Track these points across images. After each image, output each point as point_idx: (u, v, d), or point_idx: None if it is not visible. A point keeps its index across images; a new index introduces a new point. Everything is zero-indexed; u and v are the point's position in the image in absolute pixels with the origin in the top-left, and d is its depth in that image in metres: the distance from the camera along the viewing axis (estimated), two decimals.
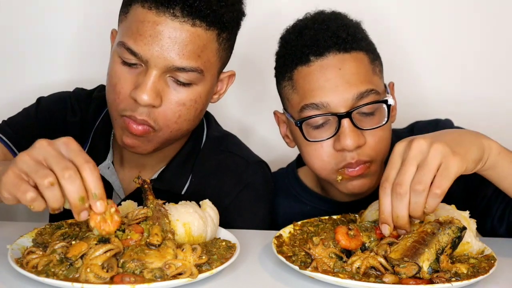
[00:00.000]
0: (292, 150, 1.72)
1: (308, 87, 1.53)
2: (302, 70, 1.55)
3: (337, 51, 1.53)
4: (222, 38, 1.47)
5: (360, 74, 1.53)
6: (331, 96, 1.51)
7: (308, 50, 1.54)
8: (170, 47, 1.40)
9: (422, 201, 1.16)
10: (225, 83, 1.59)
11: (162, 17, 1.39)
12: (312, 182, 1.78)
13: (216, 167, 1.62)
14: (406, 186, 1.17)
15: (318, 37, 1.54)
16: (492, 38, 2.18)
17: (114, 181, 1.62)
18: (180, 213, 1.28)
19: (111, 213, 1.16)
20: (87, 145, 1.64)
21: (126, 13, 1.46)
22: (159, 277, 1.11)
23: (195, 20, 1.40)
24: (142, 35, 1.40)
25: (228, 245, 1.28)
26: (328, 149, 1.54)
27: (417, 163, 1.17)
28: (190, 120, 1.49)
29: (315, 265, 1.18)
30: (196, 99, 1.47)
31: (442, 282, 1.12)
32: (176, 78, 1.43)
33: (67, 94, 1.74)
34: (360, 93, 1.51)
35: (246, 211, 1.60)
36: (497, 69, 2.19)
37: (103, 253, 1.13)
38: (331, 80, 1.51)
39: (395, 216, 1.19)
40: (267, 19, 2.07)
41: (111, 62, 1.48)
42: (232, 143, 1.70)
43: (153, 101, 1.41)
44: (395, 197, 1.18)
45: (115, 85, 1.45)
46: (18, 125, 1.67)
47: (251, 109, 2.26)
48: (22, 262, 1.16)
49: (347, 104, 1.51)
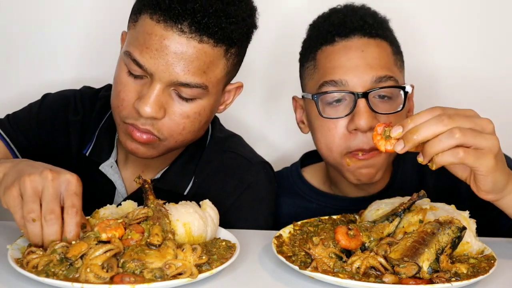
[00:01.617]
0: (295, 151, 1.72)
1: (330, 65, 1.57)
2: (326, 50, 1.59)
3: (362, 34, 1.58)
4: (230, 53, 1.46)
5: (381, 59, 1.56)
6: (350, 75, 1.54)
7: (334, 31, 1.59)
8: (175, 62, 1.39)
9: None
10: (232, 93, 1.58)
11: (169, 31, 1.39)
12: (318, 181, 1.79)
13: (219, 168, 1.62)
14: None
15: (346, 19, 1.60)
16: None
17: (116, 180, 1.62)
18: (180, 213, 1.28)
19: None
20: (90, 144, 1.64)
21: (135, 21, 1.46)
22: (159, 277, 1.11)
23: (202, 36, 1.39)
24: (148, 48, 1.40)
25: (228, 245, 1.28)
26: (341, 130, 1.55)
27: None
28: (195, 131, 1.50)
29: (315, 265, 1.18)
30: (200, 112, 1.47)
31: (442, 282, 1.12)
32: (180, 92, 1.43)
33: (72, 93, 1.74)
34: (379, 77, 1.54)
35: (249, 211, 1.60)
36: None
37: (103, 253, 1.13)
38: (353, 60, 1.55)
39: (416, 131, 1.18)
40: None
41: (118, 68, 1.49)
42: (235, 143, 1.70)
43: (155, 114, 1.42)
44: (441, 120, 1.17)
45: (119, 92, 1.46)
46: (19, 120, 1.68)
47: (257, 110, 2.26)
48: (22, 262, 1.16)
49: (365, 85, 1.53)
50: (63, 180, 1.21)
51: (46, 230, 1.18)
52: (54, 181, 1.20)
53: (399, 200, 1.36)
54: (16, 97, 2.15)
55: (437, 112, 1.19)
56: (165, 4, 1.39)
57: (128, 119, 1.46)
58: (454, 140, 1.16)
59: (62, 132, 1.68)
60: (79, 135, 1.67)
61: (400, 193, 1.55)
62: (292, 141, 2.18)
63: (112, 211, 1.32)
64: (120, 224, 1.19)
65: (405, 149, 1.19)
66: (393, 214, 1.29)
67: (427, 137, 1.17)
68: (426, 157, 1.19)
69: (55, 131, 1.68)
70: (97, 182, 1.62)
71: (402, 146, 1.19)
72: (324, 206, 1.71)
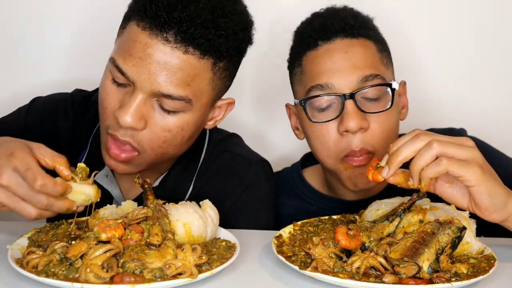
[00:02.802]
0: (296, 151, 1.72)
1: (315, 70, 1.56)
2: (310, 55, 1.59)
3: (344, 36, 1.57)
4: (218, 67, 1.41)
5: (366, 59, 1.56)
6: (336, 77, 1.53)
7: (316, 35, 1.58)
8: (158, 72, 1.34)
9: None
10: (223, 109, 1.53)
11: (154, 39, 1.34)
12: (318, 182, 1.79)
13: (218, 169, 1.60)
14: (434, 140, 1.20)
15: (327, 23, 1.59)
16: (503, 40, 2.17)
17: (113, 189, 1.58)
18: (180, 213, 1.28)
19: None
20: (85, 152, 1.59)
21: (123, 28, 1.42)
22: (159, 277, 1.11)
23: (188, 47, 1.34)
24: (132, 55, 1.36)
25: (228, 245, 1.28)
26: (333, 134, 1.55)
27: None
28: (177, 145, 1.45)
29: (315, 265, 1.18)
30: (183, 127, 1.42)
31: (442, 282, 1.12)
32: (162, 104, 1.38)
33: (63, 97, 1.69)
34: (365, 76, 1.53)
35: (249, 211, 1.59)
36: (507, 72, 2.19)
37: (103, 253, 1.13)
38: (337, 62, 1.55)
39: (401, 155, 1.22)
40: None
41: (104, 75, 1.44)
42: (233, 143, 1.68)
43: (135, 124, 1.37)
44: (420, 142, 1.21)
45: (103, 100, 1.42)
46: (6, 125, 1.64)
47: (257, 110, 2.25)
48: (22, 262, 1.16)
49: (351, 86, 1.53)
50: (22, 161, 1.21)
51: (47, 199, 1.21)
52: (20, 167, 1.20)
53: (399, 200, 1.36)
54: (3, 100, 2.13)
55: (415, 133, 1.23)
56: (152, 11, 1.35)
57: (109, 128, 1.41)
58: (433, 150, 1.19)
59: (51, 138, 1.60)
60: (71, 141, 1.62)
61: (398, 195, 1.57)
62: (292, 141, 2.18)
63: (112, 211, 1.32)
64: (120, 224, 1.19)
65: (390, 172, 1.24)
66: (393, 214, 1.29)
67: (408, 156, 1.22)
68: (414, 177, 1.22)
69: (44, 137, 1.58)
70: None
71: (387, 170, 1.24)
72: (324, 208, 1.71)
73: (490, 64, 2.17)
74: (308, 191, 1.77)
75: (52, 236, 1.27)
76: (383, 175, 1.24)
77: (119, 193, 1.59)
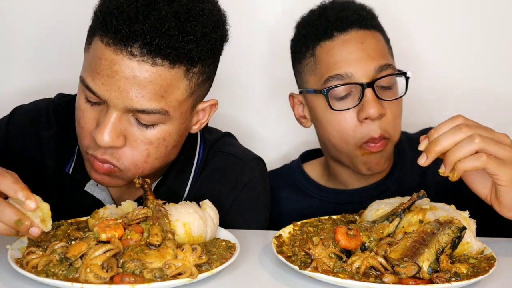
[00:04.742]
0: (294, 151, 1.71)
1: (332, 60, 1.62)
2: (325, 46, 1.64)
3: (358, 27, 1.63)
4: (192, 73, 1.34)
5: (379, 49, 1.64)
6: (354, 67, 1.60)
7: (332, 26, 1.64)
8: (128, 88, 1.28)
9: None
10: (207, 112, 1.47)
11: (119, 55, 1.28)
12: (319, 176, 1.83)
13: (214, 171, 1.58)
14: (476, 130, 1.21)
15: (341, 14, 1.64)
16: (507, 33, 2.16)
17: (105, 197, 1.54)
18: (180, 213, 1.28)
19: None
20: (72, 162, 1.53)
21: (89, 44, 1.36)
22: (159, 277, 1.11)
23: (155, 59, 1.28)
24: (99, 73, 1.30)
25: (228, 245, 1.28)
26: (352, 122, 1.61)
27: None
28: (162, 157, 1.40)
29: (315, 265, 1.18)
30: (164, 137, 1.37)
31: (442, 282, 1.12)
32: (139, 119, 1.33)
33: (44, 104, 1.61)
34: (380, 66, 1.61)
35: (247, 210, 1.58)
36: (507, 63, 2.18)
37: (103, 253, 1.13)
38: (354, 53, 1.61)
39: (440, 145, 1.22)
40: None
41: (77, 93, 1.39)
42: (225, 143, 1.65)
43: (113, 142, 1.32)
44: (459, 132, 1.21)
45: (79, 119, 1.37)
46: None
47: (256, 109, 2.25)
48: (22, 262, 1.16)
49: (369, 75, 1.60)
50: None
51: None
52: None
53: (399, 200, 1.36)
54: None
55: (457, 122, 1.23)
56: (113, 26, 1.27)
57: (88, 149, 1.37)
58: (474, 145, 1.20)
59: (34, 149, 1.55)
60: (55, 151, 1.55)
61: (400, 183, 1.70)
62: (291, 141, 2.18)
63: (111, 211, 1.32)
64: (120, 224, 1.19)
65: (428, 161, 1.24)
66: (393, 214, 1.29)
67: (447, 147, 1.22)
68: (448, 166, 1.23)
69: (27, 148, 1.56)
70: (83, 201, 1.53)
71: (425, 158, 1.24)
72: (326, 201, 1.76)
73: (494, 57, 2.16)
74: (310, 184, 1.80)
75: (51, 236, 1.27)
76: (421, 163, 1.25)
77: (111, 201, 1.55)
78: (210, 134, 1.64)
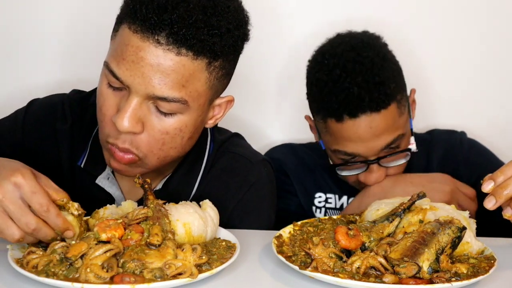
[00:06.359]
0: None
1: (340, 136, 1.70)
2: (334, 124, 1.70)
3: (369, 111, 1.66)
4: (213, 66, 1.38)
5: (388, 126, 1.69)
6: (361, 148, 1.70)
7: (342, 108, 1.67)
8: (151, 75, 1.32)
9: None
10: (223, 108, 1.50)
11: (146, 42, 1.32)
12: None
13: (221, 171, 1.59)
14: None
15: (350, 98, 1.66)
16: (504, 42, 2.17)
17: (114, 191, 1.56)
18: (180, 213, 1.28)
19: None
20: (85, 155, 1.56)
21: (116, 31, 1.39)
22: (159, 277, 1.11)
23: (180, 48, 1.32)
24: (125, 59, 1.33)
25: (228, 245, 1.28)
26: (353, 176, 1.77)
27: None
28: (177, 147, 1.43)
29: (315, 265, 1.18)
30: (181, 128, 1.39)
31: (442, 282, 1.12)
32: (158, 107, 1.36)
33: (60, 98, 1.66)
34: (387, 144, 1.70)
35: (252, 211, 1.58)
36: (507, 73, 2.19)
37: (103, 253, 1.13)
38: (362, 135, 1.68)
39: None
40: None
41: (100, 79, 1.42)
42: (234, 143, 1.66)
43: (132, 128, 1.35)
44: None
45: (101, 106, 1.40)
46: (3, 129, 1.61)
47: (258, 109, 2.25)
48: (22, 262, 1.16)
49: (375, 152, 1.71)
50: (30, 183, 1.17)
51: (39, 236, 1.19)
52: (19, 190, 1.17)
53: (399, 200, 1.36)
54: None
55: None
56: (142, 14, 1.32)
57: (109, 137, 1.39)
58: None
59: (50, 142, 1.59)
60: (69, 144, 1.59)
61: None
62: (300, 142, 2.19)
63: (112, 211, 1.32)
64: (120, 224, 1.19)
65: (497, 205, 1.23)
66: (393, 214, 1.29)
67: None
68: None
69: (42, 140, 1.59)
70: (94, 194, 1.55)
71: (494, 202, 1.23)
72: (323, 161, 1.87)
73: (493, 66, 2.16)
74: (307, 148, 1.97)
75: None
76: (488, 207, 1.23)
77: (120, 195, 1.57)
78: (219, 134, 1.66)
